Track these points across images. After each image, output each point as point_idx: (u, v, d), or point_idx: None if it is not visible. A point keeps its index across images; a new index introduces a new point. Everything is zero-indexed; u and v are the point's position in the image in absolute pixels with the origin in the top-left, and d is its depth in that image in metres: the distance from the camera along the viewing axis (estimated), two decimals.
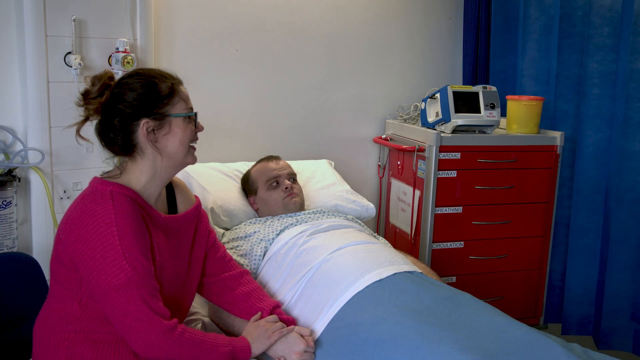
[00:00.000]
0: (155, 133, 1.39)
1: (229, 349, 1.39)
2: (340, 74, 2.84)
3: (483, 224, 2.61)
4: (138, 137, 1.38)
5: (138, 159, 1.40)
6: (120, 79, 1.41)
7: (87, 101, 1.37)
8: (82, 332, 1.34)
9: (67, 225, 1.32)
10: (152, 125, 1.38)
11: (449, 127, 2.52)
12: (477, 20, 2.89)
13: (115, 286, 1.26)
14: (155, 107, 1.38)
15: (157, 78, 1.40)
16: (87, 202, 1.32)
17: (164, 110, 1.39)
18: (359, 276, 1.61)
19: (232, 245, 1.97)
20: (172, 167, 1.45)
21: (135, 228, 1.32)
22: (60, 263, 1.35)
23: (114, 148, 1.41)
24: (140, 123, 1.37)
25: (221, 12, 2.55)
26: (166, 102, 1.39)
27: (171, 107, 1.40)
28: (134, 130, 1.37)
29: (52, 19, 2.05)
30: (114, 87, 1.39)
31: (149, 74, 1.41)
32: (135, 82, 1.38)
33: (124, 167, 1.42)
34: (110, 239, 1.27)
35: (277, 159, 2.27)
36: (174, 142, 1.41)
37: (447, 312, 1.49)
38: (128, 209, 1.32)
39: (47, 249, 2.15)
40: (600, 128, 2.51)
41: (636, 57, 2.30)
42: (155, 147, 1.39)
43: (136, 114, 1.37)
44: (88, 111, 1.39)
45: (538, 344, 1.38)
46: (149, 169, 1.41)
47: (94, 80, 1.38)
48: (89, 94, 1.36)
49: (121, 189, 1.35)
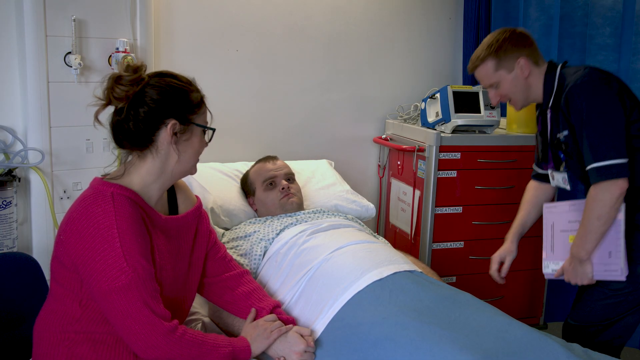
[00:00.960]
0: (177, 137, 1.39)
1: (229, 349, 1.39)
2: (340, 74, 2.84)
3: (483, 224, 2.61)
4: (160, 135, 1.37)
5: (149, 157, 1.39)
6: (153, 74, 1.41)
7: (117, 86, 1.35)
8: (82, 333, 1.34)
9: (67, 226, 1.32)
10: (178, 129, 1.38)
11: (449, 127, 2.52)
12: (477, 20, 2.89)
13: (115, 288, 1.25)
14: (186, 112, 1.40)
15: (191, 85, 1.43)
16: (88, 203, 1.32)
17: (191, 118, 1.41)
18: (359, 276, 1.61)
19: (232, 245, 1.97)
20: (179, 173, 1.45)
21: (136, 230, 1.31)
22: (61, 264, 1.34)
23: (126, 140, 1.39)
24: (169, 123, 1.37)
25: (221, 12, 2.55)
26: (196, 110, 1.42)
27: (197, 117, 1.43)
28: (159, 127, 1.37)
29: (52, 19, 2.05)
30: (148, 80, 1.38)
31: (185, 79, 1.43)
32: (172, 82, 1.40)
33: (130, 165, 1.41)
34: (111, 241, 1.27)
35: (274, 159, 2.27)
36: (191, 150, 1.43)
37: (447, 311, 1.49)
38: (129, 210, 1.32)
39: (47, 249, 2.15)
40: None
41: (638, 58, 2.30)
42: (177, 149, 1.39)
43: (166, 113, 1.37)
44: (112, 96, 1.36)
45: (538, 344, 1.38)
46: (157, 170, 1.41)
47: (128, 68, 1.37)
48: (121, 78, 1.35)
49: (122, 190, 1.35)
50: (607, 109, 1.68)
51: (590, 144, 1.68)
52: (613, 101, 1.69)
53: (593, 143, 1.67)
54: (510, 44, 1.87)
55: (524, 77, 1.87)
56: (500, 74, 1.89)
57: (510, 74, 1.87)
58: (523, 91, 1.90)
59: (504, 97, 1.93)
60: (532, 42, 1.90)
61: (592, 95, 1.69)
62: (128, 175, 1.40)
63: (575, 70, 1.79)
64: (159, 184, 1.42)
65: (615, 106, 1.68)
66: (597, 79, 1.71)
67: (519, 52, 1.86)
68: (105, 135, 2.20)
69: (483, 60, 1.90)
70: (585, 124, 1.69)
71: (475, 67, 1.94)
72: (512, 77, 1.88)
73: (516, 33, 1.89)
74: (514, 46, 1.87)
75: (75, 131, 2.17)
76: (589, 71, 1.74)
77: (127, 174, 1.40)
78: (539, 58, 1.89)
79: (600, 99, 1.69)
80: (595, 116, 1.68)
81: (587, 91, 1.70)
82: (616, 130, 1.67)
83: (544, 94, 1.87)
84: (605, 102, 1.69)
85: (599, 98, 1.69)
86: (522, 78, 1.87)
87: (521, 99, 1.92)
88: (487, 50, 1.88)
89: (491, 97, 1.97)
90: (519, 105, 1.94)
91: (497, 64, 1.88)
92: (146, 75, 1.38)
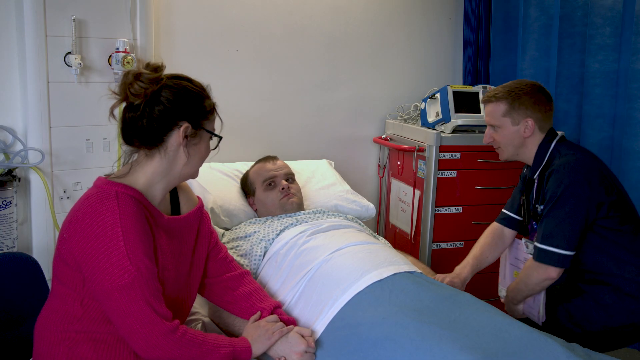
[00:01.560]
0: (188, 140, 1.41)
1: (229, 349, 1.39)
2: (340, 74, 2.84)
3: (483, 224, 2.61)
4: (171, 136, 1.39)
5: (156, 156, 1.40)
6: (170, 75, 1.42)
7: (136, 82, 1.35)
8: (83, 332, 1.34)
9: (71, 224, 1.32)
10: (190, 132, 1.40)
11: (449, 127, 2.52)
12: (477, 20, 2.90)
13: (118, 287, 1.26)
14: (200, 117, 1.42)
15: (206, 92, 1.46)
16: (93, 202, 1.32)
17: (203, 123, 1.43)
18: (359, 276, 1.61)
19: (232, 245, 1.97)
20: (184, 176, 1.47)
21: (140, 229, 1.32)
22: (63, 262, 1.34)
23: (136, 137, 1.39)
24: (182, 125, 1.38)
25: (221, 12, 2.55)
26: (208, 116, 1.45)
27: (208, 123, 1.45)
28: (172, 128, 1.38)
29: (52, 19, 2.05)
30: (165, 81, 1.39)
31: (199, 85, 1.45)
32: (189, 85, 1.42)
33: (136, 164, 1.41)
34: (115, 239, 1.27)
35: (274, 159, 2.27)
36: (198, 155, 1.45)
37: (447, 311, 1.49)
38: (133, 209, 1.32)
39: (47, 249, 2.15)
40: (602, 128, 2.50)
41: (638, 57, 2.30)
42: (187, 152, 1.41)
43: (180, 115, 1.38)
44: (130, 92, 1.35)
45: (538, 344, 1.37)
46: (164, 170, 1.41)
47: (149, 66, 1.38)
48: (141, 75, 1.35)
49: (126, 189, 1.35)
50: (575, 203, 1.73)
51: (546, 224, 1.76)
52: (583, 200, 1.73)
53: (548, 226, 1.76)
54: (530, 101, 1.87)
55: (524, 136, 1.88)
56: (505, 121, 1.89)
57: (514, 126, 1.88)
58: (516, 148, 1.91)
59: (496, 143, 1.95)
60: (549, 109, 1.90)
61: (569, 186, 1.74)
62: (133, 174, 1.40)
63: (566, 152, 1.82)
64: (163, 184, 1.43)
65: (582, 205, 1.73)
66: (580, 172, 1.75)
67: (533, 113, 1.86)
68: (105, 135, 2.24)
69: (497, 100, 1.89)
70: (552, 207, 1.76)
71: (489, 102, 1.93)
72: (513, 131, 1.88)
73: (541, 93, 1.89)
74: (531, 104, 1.87)
75: (75, 131, 2.17)
76: (577, 161, 1.77)
77: (133, 173, 1.40)
78: (546, 125, 1.89)
79: (574, 191, 1.73)
80: (562, 204, 1.74)
81: (566, 181, 1.75)
82: (573, 225, 1.73)
83: (534, 163, 1.90)
84: (577, 196, 1.73)
85: (573, 191, 1.73)
86: (522, 136, 1.88)
87: (510, 153, 1.93)
88: (506, 94, 1.88)
89: (485, 134, 1.97)
90: (504, 157, 1.96)
91: (507, 110, 1.88)
92: (164, 75, 1.40)
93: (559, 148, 1.85)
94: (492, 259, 2.09)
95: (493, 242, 2.09)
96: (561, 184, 1.74)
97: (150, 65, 1.38)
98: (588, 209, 1.73)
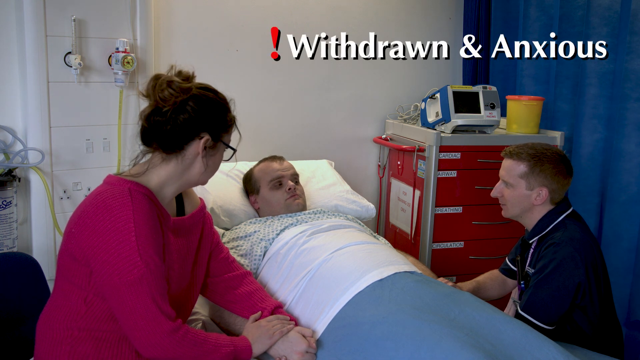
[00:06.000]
0: (206, 151, 1.42)
1: (230, 349, 1.40)
2: (340, 74, 2.84)
3: (483, 224, 2.61)
4: (191, 145, 1.40)
5: (173, 161, 1.41)
6: (197, 85, 1.43)
7: (167, 89, 1.36)
8: (85, 330, 1.34)
9: (80, 219, 1.32)
10: (209, 144, 1.42)
11: (449, 127, 2.52)
12: (477, 20, 2.90)
13: (126, 282, 1.26)
14: (220, 130, 1.44)
15: (229, 105, 1.47)
16: (105, 197, 1.32)
17: (222, 136, 1.45)
18: (360, 276, 1.61)
19: (232, 244, 1.97)
20: (196, 182, 1.48)
21: (152, 226, 1.33)
22: (71, 257, 1.34)
23: (157, 141, 1.40)
24: (204, 137, 1.40)
25: (221, 12, 2.55)
26: (228, 130, 1.47)
27: (226, 136, 1.47)
28: (193, 137, 1.40)
29: (52, 19, 2.05)
30: (194, 91, 1.40)
31: (223, 97, 1.47)
32: (215, 98, 1.43)
33: (152, 166, 1.42)
34: (127, 234, 1.28)
35: (281, 159, 2.26)
36: (213, 166, 1.48)
37: (447, 309, 1.49)
38: (146, 207, 1.33)
39: (47, 249, 2.15)
40: (596, 128, 2.50)
41: (632, 57, 2.29)
42: (205, 163, 1.43)
43: (203, 126, 1.40)
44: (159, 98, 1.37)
45: (536, 344, 1.38)
46: (178, 175, 1.43)
47: (180, 74, 1.40)
48: (172, 83, 1.37)
49: (139, 187, 1.36)
50: (563, 283, 1.70)
51: (531, 295, 1.74)
52: (571, 282, 1.69)
53: (532, 297, 1.73)
54: (551, 171, 1.80)
55: (534, 203, 1.82)
56: (520, 182, 1.82)
57: (527, 190, 1.82)
58: (522, 211, 1.86)
59: (503, 199, 1.90)
60: (567, 184, 1.84)
61: (561, 262, 1.71)
62: (147, 175, 1.41)
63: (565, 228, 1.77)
64: (175, 187, 1.44)
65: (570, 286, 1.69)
66: (575, 250, 1.71)
67: (550, 183, 1.80)
68: (105, 135, 2.24)
69: (519, 159, 1.82)
70: (540, 278, 1.73)
71: (510, 157, 1.86)
72: (525, 194, 1.82)
73: (564, 164, 1.82)
74: (552, 174, 1.80)
75: (75, 131, 2.17)
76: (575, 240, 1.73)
77: (147, 174, 1.41)
78: (558, 197, 1.84)
79: (563, 272, 1.70)
80: (550, 279, 1.71)
81: (559, 257, 1.71)
82: (558, 301, 1.70)
83: (534, 228, 1.85)
84: (566, 277, 1.70)
85: (563, 270, 1.70)
86: (531, 203, 1.82)
87: (515, 214, 1.88)
88: (530, 157, 1.81)
89: (495, 188, 1.92)
90: (508, 215, 1.91)
91: (525, 173, 1.81)
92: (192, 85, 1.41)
93: (567, 222, 1.80)
94: (492, 293, 2.07)
95: (497, 283, 2.08)
96: (554, 259, 1.71)
97: (182, 74, 1.41)
98: (576, 290, 1.70)
